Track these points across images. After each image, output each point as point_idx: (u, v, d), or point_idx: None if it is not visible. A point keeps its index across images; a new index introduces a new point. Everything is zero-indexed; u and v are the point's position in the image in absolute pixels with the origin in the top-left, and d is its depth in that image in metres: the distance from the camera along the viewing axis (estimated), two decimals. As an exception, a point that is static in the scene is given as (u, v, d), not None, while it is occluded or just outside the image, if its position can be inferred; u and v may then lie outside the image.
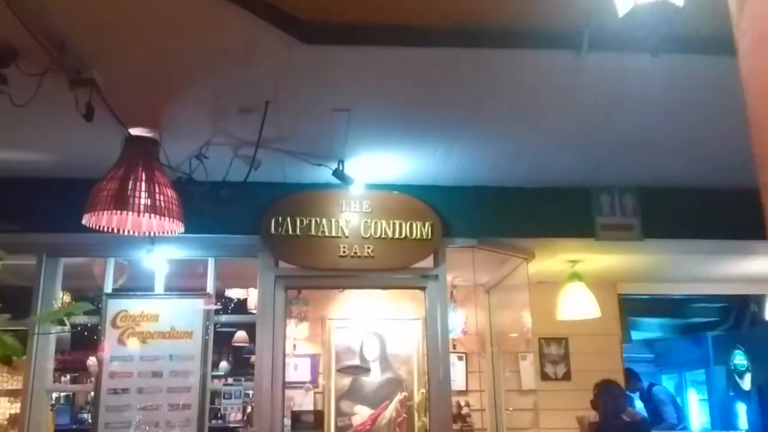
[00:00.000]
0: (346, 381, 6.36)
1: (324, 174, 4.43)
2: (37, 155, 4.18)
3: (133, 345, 4.40)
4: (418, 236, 4.59)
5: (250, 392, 4.50)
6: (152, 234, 3.81)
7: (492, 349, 6.48)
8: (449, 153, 4.23)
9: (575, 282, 5.74)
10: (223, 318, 4.61)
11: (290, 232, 4.52)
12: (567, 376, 6.55)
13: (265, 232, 4.51)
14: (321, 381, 6.36)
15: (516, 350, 6.45)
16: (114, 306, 4.46)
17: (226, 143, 3.88)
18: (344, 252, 4.52)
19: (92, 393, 4.35)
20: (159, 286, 4.57)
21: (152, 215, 3.49)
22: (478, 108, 3.63)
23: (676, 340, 10.51)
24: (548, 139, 4.06)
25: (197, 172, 3.86)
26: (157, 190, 3.53)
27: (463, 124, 3.83)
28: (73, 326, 5.02)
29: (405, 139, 4.01)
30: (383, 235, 4.57)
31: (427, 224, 4.61)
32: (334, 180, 4.40)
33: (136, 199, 3.46)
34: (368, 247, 4.54)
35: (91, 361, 6.77)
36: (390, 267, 4.57)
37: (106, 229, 3.66)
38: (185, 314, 4.50)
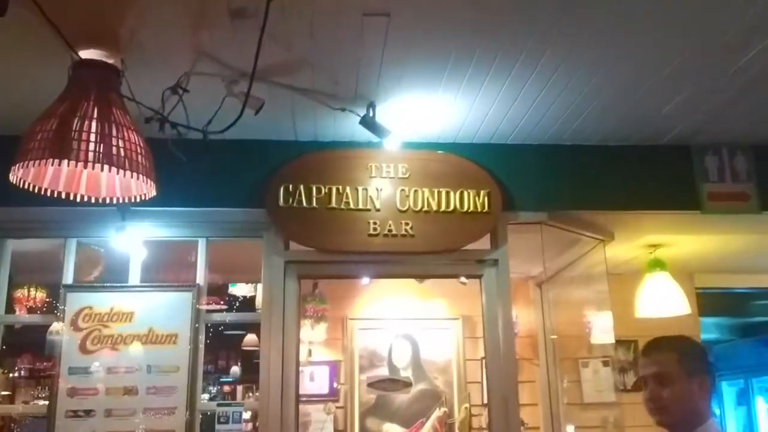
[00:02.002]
0: (372, 394, 5.28)
1: (348, 125, 3.36)
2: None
3: (99, 352, 3.35)
4: (471, 209, 3.50)
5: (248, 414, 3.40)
6: (116, 201, 2.76)
7: (547, 354, 5.37)
8: (513, 96, 3.14)
9: (657, 271, 4.63)
10: (218, 317, 3.54)
11: (304, 204, 3.45)
12: (638, 387, 5.41)
13: (272, 205, 3.44)
14: (341, 393, 5.29)
15: (576, 355, 5.37)
16: (75, 301, 3.41)
17: (214, 72, 2.81)
18: (375, 230, 3.45)
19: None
20: (134, 276, 3.51)
21: (108, 167, 2.42)
22: (560, 24, 2.55)
23: (738, 341, 9.33)
24: (647, 73, 2.97)
25: (175, 115, 2.79)
26: (114, 132, 2.47)
27: (538, 50, 2.75)
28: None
29: (457, 73, 2.93)
30: (425, 208, 3.49)
31: (482, 193, 3.52)
32: (361, 134, 3.35)
33: (83, 144, 2.39)
34: (406, 224, 3.46)
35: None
36: (435, 249, 3.48)
37: (48, 193, 2.62)
38: (168, 312, 3.44)
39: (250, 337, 10.67)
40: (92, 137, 2.42)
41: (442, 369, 5.36)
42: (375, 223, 3.45)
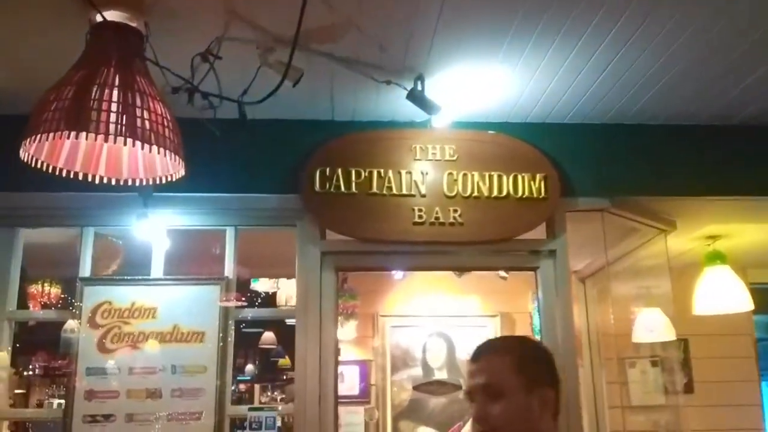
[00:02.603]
0: (405, 395, 4.98)
1: (390, 102, 3.05)
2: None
3: (119, 352, 3.06)
4: (526, 194, 3.17)
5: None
6: (140, 183, 2.47)
7: (591, 354, 5.03)
8: (579, 67, 2.82)
9: (717, 264, 4.28)
10: (249, 313, 3.24)
11: (342, 189, 3.13)
12: (689, 388, 5.08)
13: (307, 190, 3.13)
14: (373, 395, 4.98)
15: (622, 355, 5.03)
16: (92, 296, 3.12)
17: (248, 38, 2.50)
18: (420, 217, 3.13)
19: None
20: (156, 269, 3.21)
21: (132, 141, 2.13)
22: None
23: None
24: (733, 40, 2.63)
25: (206, 84, 2.49)
26: (138, 102, 2.17)
27: (618, 7, 2.41)
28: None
29: (520, 41, 2.61)
30: (475, 194, 3.16)
31: (538, 178, 3.19)
32: (403, 113, 3.06)
33: (103, 114, 2.10)
34: (454, 211, 3.14)
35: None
36: (486, 239, 3.16)
37: (63, 173, 2.32)
38: (194, 308, 3.14)
39: (268, 335, 10.40)
40: (113, 107, 2.13)
41: (480, 369, 5.03)
42: (420, 210, 3.13)
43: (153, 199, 3.10)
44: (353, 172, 3.15)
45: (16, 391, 7.77)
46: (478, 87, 2.99)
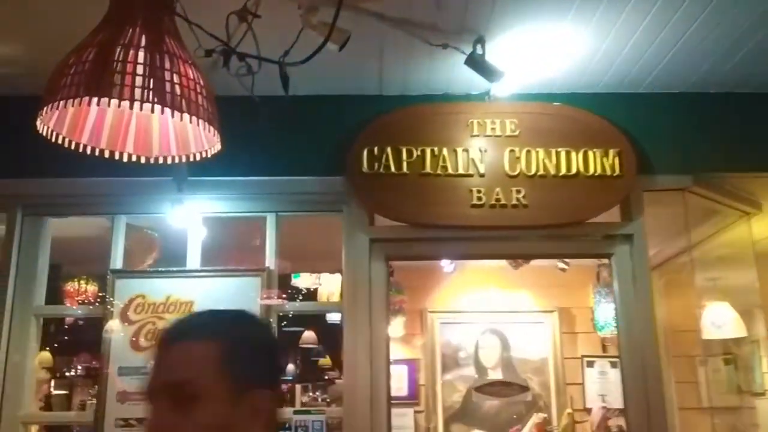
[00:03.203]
0: (457, 397, 4.66)
1: (443, 74, 2.77)
2: (-5, 49, 2.64)
3: (154, 350, 2.80)
4: (599, 172, 2.84)
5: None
6: (173, 160, 2.20)
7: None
8: (661, 25, 2.48)
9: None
10: (292, 307, 2.97)
11: (392, 169, 2.85)
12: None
13: (354, 172, 2.85)
14: (422, 396, 4.68)
15: (692, 353, 4.65)
16: (125, 289, 2.88)
17: (290, -6, 2.23)
18: (479, 199, 2.82)
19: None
20: (192, 260, 2.96)
21: (161, 108, 1.86)
22: None
23: None
24: None
25: (244, 46, 2.21)
26: (167, 65, 1.91)
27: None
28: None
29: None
30: (541, 172, 2.84)
31: (611, 153, 2.86)
32: (458, 84, 2.78)
33: (128, 77, 1.83)
34: (517, 192, 2.82)
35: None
36: (554, 222, 2.84)
37: (87, 150, 2.07)
38: (233, 301, 2.87)
39: (308, 334, 10.19)
40: (139, 70, 1.86)
41: (537, 369, 4.71)
42: (479, 192, 2.82)
43: (188, 183, 2.86)
44: (404, 151, 2.86)
45: (58, 392, 7.67)
46: (544, 51, 2.67)
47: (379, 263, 2.88)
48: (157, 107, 1.86)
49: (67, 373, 8.18)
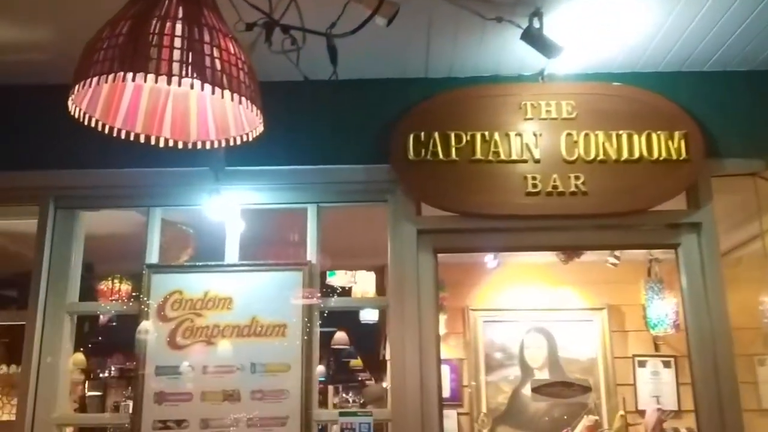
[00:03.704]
0: (502, 398, 4.47)
1: (494, 53, 2.61)
2: (26, 33, 2.52)
3: (192, 348, 2.68)
4: (663, 156, 2.64)
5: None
6: (212, 145, 2.05)
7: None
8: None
9: None
10: (336, 303, 2.82)
11: (440, 156, 2.68)
12: (836, 390, 4.38)
13: (399, 159, 2.69)
14: (466, 397, 4.50)
15: (750, 351, 4.39)
16: (161, 285, 2.75)
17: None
18: (534, 186, 2.64)
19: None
20: (231, 253, 2.82)
21: (201, 84, 1.71)
22: None
23: None
24: None
25: (287, 18, 2.06)
26: (206, 38, 1.76)
27: None
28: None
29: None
30: (601, 157, 2.65)
31: (677, 136, 2.65)
32: (508, 65, 2.63)
33: (164, 51, 1.69)
34: (576, 178, 2.63)
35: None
36: (616, 211, 2.64)
37: (122, 135, 1.93)
38: (275, 297, 2.73)
39: (340, 335, 10.06)
40: (177, 43, 1.71)
41: (586, 369, 4.50)
42: (534, 178, 2.64)
43: (225, 173, 2.72)
44: (453, 136, 2.69)
45: (92, 393, 7.64)
46: (604, 27, 2.48)
47: (426, 255, 2.71)
48: (197, 83, 1.71)
49: (101, 375, 8.17)
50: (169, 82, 1.72)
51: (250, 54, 2.01)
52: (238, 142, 2.02)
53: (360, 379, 11.03)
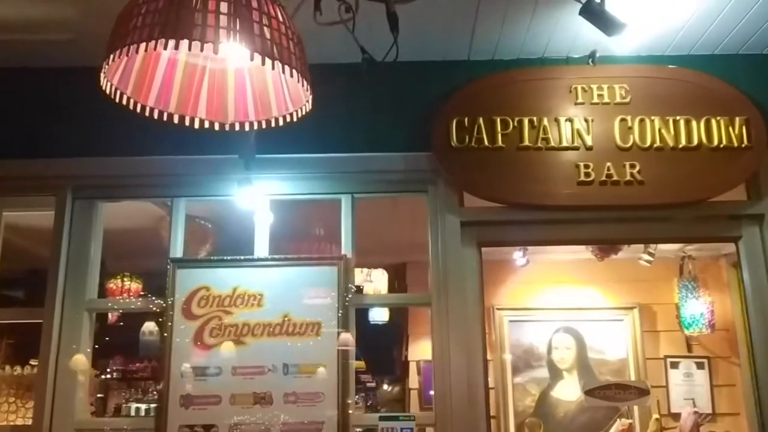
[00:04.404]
0: (530, 400, 4.31)
1: (542, 35, 2.46)
2: (47, 11, 2.35)
3: (220, 348, 2.51)
4: (724, 143, 2.48)
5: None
6: (252, 127, 1.88)
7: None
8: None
9: None
10: (372, 300, 2.67)
11: (485, 143, 2.51)
12: None
13: (441, 146, 2.52)
14: (492, 399, 4.32)
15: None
16: (187, 280, 2.57)
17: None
18: (587, 175, 2.47)
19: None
20: (261, 247, 2.65)
21: (250, 54, 1.54)
22: None
23: None
24: None
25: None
26: (255, 3, 1.59)
27: None
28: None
29: None
30: (657, 144, 2.49)
31: (738, 122, 2.49)
32: (556, 47, 2.48)
33: (210, 17, 1.52)
34: (631, 166, 2.47)
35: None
36: (675, 201, 2.48)
37: (154, 115, 1.76)
38: (308, 294, 2.56)
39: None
40: (223, 8, 1.55)
41: (616, 371, 4.32)
42: (587, 167, 2.48)
43: (255, 161, 2.55)
44: (498, 122, 2.53)
45: (97, 395, 7.47)
46: (662, 6, 2.31)
47: (470, 249, 2.55)
48: (246, 54, 1.54)
49: (102, 376, 7.99)
50: (216, 51, 1.55)
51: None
52: (281, 123, 1.85)
53: (362, 381, 10.84)
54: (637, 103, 2.52)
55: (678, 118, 2.50)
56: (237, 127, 1.87)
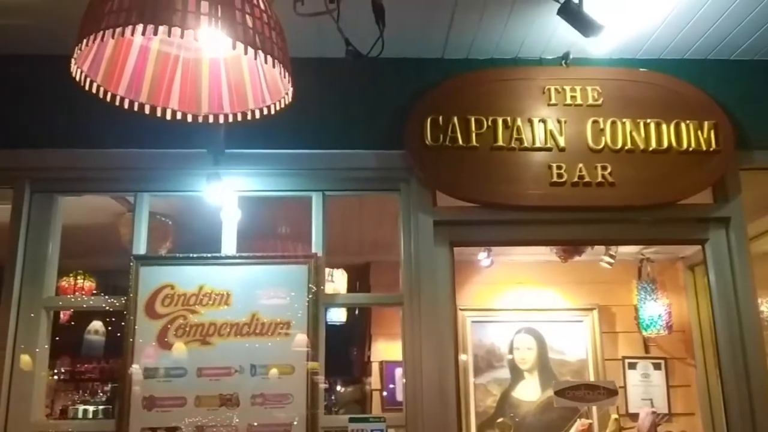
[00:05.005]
0: (491, 401, 4.32)
1: (516, 34, 2.46)
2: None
3: (185, 347, 2.42)
4: (693, 147, 2.52)
5: None
6: (225, 119, 1.81)
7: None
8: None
9: None
10: (344, 299, 2.61)
11: (460, 142, 2.50)
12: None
13: (415, 145, 2.50)
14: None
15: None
16: (151, 278, 2.48)
17: None
18: (560, 176, 2.48)
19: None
20: (228, 245, 2.58)
21: (232, 42, 1.48)
22: None
23: None
24: None
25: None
26: (237, -10, 1.54)
27: None
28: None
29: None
30: (628, 146, 2.52)
31: (706, 126, 2.54)
32: (530, 47, 2.49)
33: (191, 1, 1.46)
34: (603, 168, 2.49)
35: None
36: (644, 203, 2.51)
37: (125, 105, 1.68)
38: (277, 293, 2.50)
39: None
40: (203, -6, 1.50)
41: (576, 371, 4.38)
42: (559, 168, 2.49)
43: (224, 156, 2.48)
44: (473, 121, 2.52)
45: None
46: (632, 9, 2.34)
47: (442, 249, 2.53)
48: (227, 43, 1.49)
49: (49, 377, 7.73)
50: (195, 37, 1.49)
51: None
52: (257, 115, 1.79)
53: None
54: (609, 105, 2.54)
55: (649, 121, 2.53)
56: (211, 119, 1.80)
